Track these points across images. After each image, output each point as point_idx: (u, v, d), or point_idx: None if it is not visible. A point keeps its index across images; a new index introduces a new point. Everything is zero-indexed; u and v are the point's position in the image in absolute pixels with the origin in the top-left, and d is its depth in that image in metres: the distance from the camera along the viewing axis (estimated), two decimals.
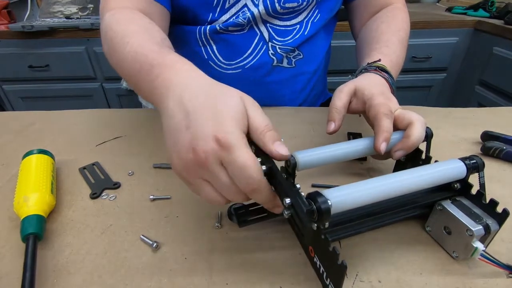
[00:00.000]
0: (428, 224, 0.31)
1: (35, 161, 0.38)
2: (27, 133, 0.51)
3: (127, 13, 0.43)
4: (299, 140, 0.48)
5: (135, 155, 0.45)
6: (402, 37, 0.51)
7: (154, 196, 0.37)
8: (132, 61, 0.33)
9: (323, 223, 0.23)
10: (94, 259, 0.29)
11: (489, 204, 0.27)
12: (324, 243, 0.24)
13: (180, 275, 0.27)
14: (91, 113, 0.58)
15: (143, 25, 0.39)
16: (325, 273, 0.25)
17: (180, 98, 0.26)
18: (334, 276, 0.24)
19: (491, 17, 1.32)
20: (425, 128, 0.34)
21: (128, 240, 0.31)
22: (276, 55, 0.57)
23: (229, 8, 0.53)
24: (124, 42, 0.36)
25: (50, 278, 0.27)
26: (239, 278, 0.27)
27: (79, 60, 1.35)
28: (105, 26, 0.41)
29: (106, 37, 0.40)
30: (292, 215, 0.24)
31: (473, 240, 0.26)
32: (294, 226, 0.31)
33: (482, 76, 1.31)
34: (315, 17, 0.57)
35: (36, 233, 0.29)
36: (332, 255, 0.23)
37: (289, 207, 0.23)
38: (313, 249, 0.27)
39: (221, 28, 0.53)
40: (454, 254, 0.28)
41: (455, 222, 0.27)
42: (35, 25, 1.25)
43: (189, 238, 0.31)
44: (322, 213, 0.22)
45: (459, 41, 1.36)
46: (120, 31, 0.38)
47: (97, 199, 0.37)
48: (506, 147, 0.42)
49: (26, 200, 0.32)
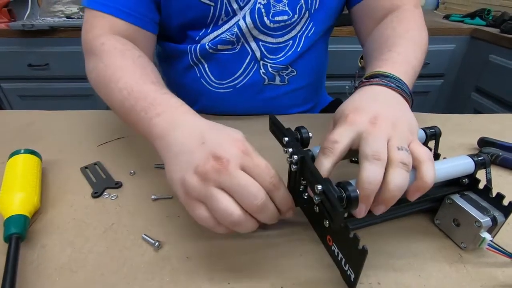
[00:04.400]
0: (438, 217, 0.32)
1: (22, 161, 0.38)
2: (26, 132, 0.51)
3: (116, 43, 0.43)
4: None
5: (137, 155, 0.45)
6: (412, 36, 0.44)
7: (156, 195, 0.37)
8: (126, 96, 0.35)
9: (352, 209, 0.24)
10: (96, 258, 0.29)
11: (496, 198, 0.28)
12: (345, 231, 0.25)
13: (182, 274, 0.28)
14: (91, 114, 0.59)
15: (134, 59, 0.41)
16: (344, 260, 0.26)
17: (191, 128, 0.29)
18: (354, 262, 0.25)
19: (487, 25, 1.35)
20: (434, 167, 0.27)
21: (130, 239, 0.31)
22: (268, 74, 0.55)
23: (222, 24, 0.51)
24: (116, 76, 0.37)
25: (52, 276, 0.27)
26: (240, 278, 0.27)
27: (79, 60, 1.33)
28: (94, 55, 0.43)
29: (96, 67, 0.41)
30: (321, 201, 0.25)
31: (481, 231, 0.27)
32: (313, 217, 0.32)
33: (478, 83, 1.33)
34: (309, 31, 0.54)
35: (19, 234, 0.29)
36: (352, 242, 0.24)
37: (320, 193, 0.24)
38: (331, 238, 0.28)
39: (210, 47, 0.52)
40: (462, 245, 0.30)
41: (464, 215, 0.29)
42: (35, 24, 1.24)
43: (190, 238, 0.31)
44: (352, 201, 0.23)
45: (456, 48, 1.38)
46: (111, 64, 0.40)
47: (98, 198, 0.37)
48: (502, 153, 0.43)
49: (11, 200, 0.32)
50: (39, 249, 0.30)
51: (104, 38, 0.43)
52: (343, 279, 0.27)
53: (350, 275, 0.26)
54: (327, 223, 0.28)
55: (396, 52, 0.39)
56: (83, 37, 0.46)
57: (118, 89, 0.36)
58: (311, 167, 0.26)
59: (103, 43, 0.42)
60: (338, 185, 0.24)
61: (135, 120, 0.34)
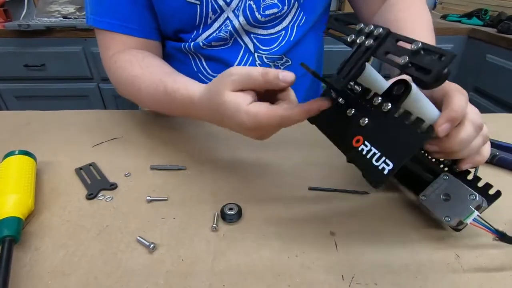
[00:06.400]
0: (425, 193, 0.33)
1: (16, 162, 0.37)
2: (21, 133, 0.51)
3: (126, 57, 0.48)
4: (306, 144, 0.48)
5: (132, 156, 0.45)
6: (428, 20, 0.47)
7: (151, 197, 0.36)
8: (157, 83, 0.42)
9: (439, 83, 0.23)
10: (90, 260, 0.29)
11: (484, 187, 0.31)
12: (397, 120, 0.26)
13: (176, 277, 0.27)
14: (87, 114, 0.58)
15: (141, 64, 0.47)
16: (379, 154, 0.26)
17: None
18: (402, 148, 0.25)
19: (484, 25, 1.35)
20: (467, 100, 0.28)
21: (124, 241, 0.31)
22: (263, 65, 0.56)
23: (211, 23, 0.52)
24: (136, 84, 0.45)
25: (45, 279, 0.27)
26: (235, 279, 0.27)
27: (75, 60, 1.35)
28: (112, 73, 0.50)
29: (119, 82, 0.49)
30: (410, 62, 0.23)
31: (472, 204, 0.29)
32: (340, 123, 0.31)
33: (476, 83, 1.33)
34: (300, 20, 0.55)
35: (12, 236, 0.28)
36: (407, 124, 0.25)
37: (417, 51, 0.23)
38: (362, 137, 0.28)
39: (204, 44, 0.53)
40: (446, 219, 0.30)
41: (459, 189, 0.30)
42: (31, 24, 1.24)
43: (185, 240, 0.31)
44: (442, 76, 0.22)
45: (454, 48, 1.38)
46: (128, 76, 0.46)
47: (93, 200, 0.36)
48: (499, 153, 0.43)
49: (4, 202, 0.31)
50: (32, 251, 0.30)
51: (115, 57, 0.49)
52: (366, 179, 0.27)
53: (385, 167, 0.25)
54: (365, 121, 0.28)
55: (424, 40, 0.44)
56: (101, 57, 0.53)
57: (145, 93, 0.44)
58: (400, 36, 0.25)
59: (116, 61, 0.49)
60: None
61: (175, 105, 0.40)
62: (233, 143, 0.48)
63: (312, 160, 0.44)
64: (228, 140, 0.49)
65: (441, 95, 0.29)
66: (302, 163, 0.44)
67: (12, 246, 0.28)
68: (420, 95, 0.28)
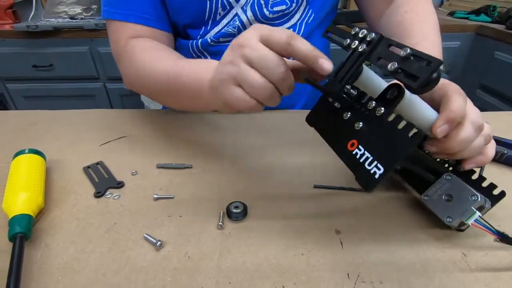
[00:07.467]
0: (428, 193, 0.33)
1: (26, 161, 0.38)
2: (30, 132, 0.52)
3: (146, 41, 0.49)
4: (316, 146, 0.49)
5: (139, 155, 0.45)
6: (434, 21, 0.47)
7: (158, 195, 0.37)
8: (172, 66, 0.41)
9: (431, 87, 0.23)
10: (99, 257, 0.29)
11: (488, 187, 0.31)
12: (389, 124, 0.25)
13: (183, 274, 0.28)
14: (94, 113, 0.59)
15: (165, 49, 0.48)
16: (371, 158, 0.26)
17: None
18: (392, 152, 0.25)
19: (492, 22, 1.33)
20: (466, 100, 0.28)
21: (132, 239, 0.31)
22: None
23: (220, 19, 0.53)
24: (158, 60, 0.44)
25: (55, 275, 0.28)
26: (241, 277, 0.27)
27: (82, 60, 1.36)
28: (125, 59, 0.49)
29: (137, 58, 0.47)
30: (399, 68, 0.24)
31: (474, 204, 0.28)
32: (337, 124, 0.31)
33: (483, 80, 1.31)
34: (308, 18, 0.55)
35: (23, 233, 0.29)
36: (404, 130, 0.24)
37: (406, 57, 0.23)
38: (357, 141, 0.28)
39: (212, 41, 0.53)
40: (447, 219, 0.30)
41: (461, 189, 0.30)
42: (39, 25, 1.26)
43: (192, 237, 0.32)
44: (433, 80, 0.22)
45: (461, 45, 1.36)
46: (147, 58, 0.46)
47: (101, 198, 0.37)
48: (507, 151, 0.43)
49: (15, 199, 0.32)
50: (42, 248, 0.30)
51: (128, 45, 0.49)
52: (358, 182, 0.27)
53: (376, 172, 0.25)
54: (359, 125, 0.28)
55: (431, 41, 0.44)
56: (113, 48, 0.52)
57: (157, 76, 0.43)
58: (392, 41, 0.25)
59: (127, 50, 0.49)
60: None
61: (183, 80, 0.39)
62: (239, 142, 0.48)
63: (317, 159, 0.44)
64: (234, 139, 0.49)
65: (440, 96, 0.29)
66: (307, 162, 0.44)
67: (23, 243, 0.29)
68: (416, 98, 0.28)
